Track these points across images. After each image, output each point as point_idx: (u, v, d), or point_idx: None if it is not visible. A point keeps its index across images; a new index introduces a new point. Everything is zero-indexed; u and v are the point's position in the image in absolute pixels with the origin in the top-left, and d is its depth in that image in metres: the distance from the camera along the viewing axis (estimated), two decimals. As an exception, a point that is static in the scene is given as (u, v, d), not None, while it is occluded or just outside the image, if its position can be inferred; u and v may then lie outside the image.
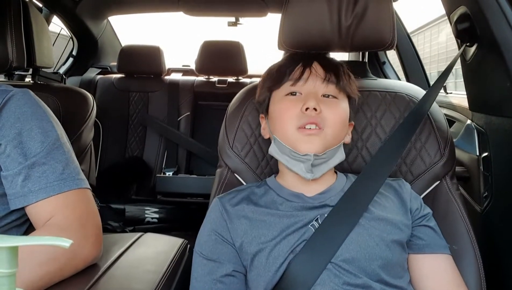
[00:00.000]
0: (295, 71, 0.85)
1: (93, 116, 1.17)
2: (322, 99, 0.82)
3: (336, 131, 0.81)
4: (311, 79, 0.84)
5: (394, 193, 0.83)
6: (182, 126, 2.49)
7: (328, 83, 0.83)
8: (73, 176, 0.82)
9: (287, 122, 0.81)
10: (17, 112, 0.83)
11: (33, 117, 0.84)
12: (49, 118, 0.87)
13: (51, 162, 0.81)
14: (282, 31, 0.96)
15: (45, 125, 0.84)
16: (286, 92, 0.84)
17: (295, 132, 0.80)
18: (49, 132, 0.84)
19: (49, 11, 2.34)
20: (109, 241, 0.96)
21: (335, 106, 0.82)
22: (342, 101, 0.85)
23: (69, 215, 0.78)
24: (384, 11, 0.94)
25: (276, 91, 0.87)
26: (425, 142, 0.92)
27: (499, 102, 1.03)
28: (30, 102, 0.86)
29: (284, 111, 0.82)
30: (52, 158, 0.81)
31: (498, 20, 0.94)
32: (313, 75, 0.84)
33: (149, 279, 0.79)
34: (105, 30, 2.79)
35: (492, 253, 1.01)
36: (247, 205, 0.81)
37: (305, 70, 0.84)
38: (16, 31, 1.09)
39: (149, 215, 2.22)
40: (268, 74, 0.91)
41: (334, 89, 0.84)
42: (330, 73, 0.84)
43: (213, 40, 2.61)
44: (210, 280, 0.77)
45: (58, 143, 0.84)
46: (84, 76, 2.65)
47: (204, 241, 0.81)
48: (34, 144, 0.81)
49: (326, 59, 0.89)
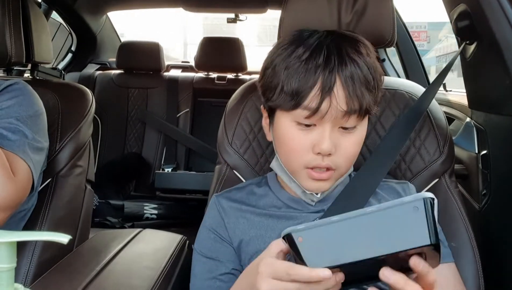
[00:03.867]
0: (311, 97, 0.66)
1: (92, 112, 1.17)
2: (338, 132, 0.70)
3: (350, 164, 0.74)
4: (329, 114, 0.66)
5: (397, 198, 0.79)
6: (181, 123, 2.49)
7: (350, 116, 0.67)
8: (27, 146, 0.89)
9: (294, 158, 0.72)
10: (1, 100, 0.90)
11: (18, 101, 0.92)
12: (33, 101, 0.96)
13: (19, 124, 0.89)
14: (282, 28, 0.96)
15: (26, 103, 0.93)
16: (296, 119, 0.69)
17: (302, 170, 0.71)
18: (29, 108, 0.93)
19: (48, 6, 2.33)
20: (108, 237, 0.96)
21: (353, 138, 0.71)
22: (362, 125, 0.72)
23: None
24: (384, 8, 0.94)
25: (282, 112, 0.71)
26: (424, 139, 0.92)
27: (499, 100, 1.03)
28: (17, 90, 0.94)
29: (291, 144, 0.71)
30: (23, 123, 0.90)
31: (498, 18, 0.94)
32: (333, 107, 0.66)
33: (148, 275, 0.79)
34: (104, 25, 2.78)
35: (491, 251, 1.01)
36: (246, 206, 0.80)
37: (324, 99, 0.66)
38: (15, 26, 1.09)
39: (148, 211, 2.22)
40: (270, 83, 0.72)
41: (355, 120, 0.69)
42: (354, 101, 0.67)
43: (212, 37, 2.61)
44: (210, 278, 0.77)
45: (35, 117, 0.94)
46: (83, 72, 2.65)
47: (203, 239, 0.80)
48: (12, 112, 0.90)
49: (354, 72, 0.67)
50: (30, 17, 1.19)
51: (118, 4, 2.70)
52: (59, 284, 0.76)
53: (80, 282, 0.75)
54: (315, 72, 0.67)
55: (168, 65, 2.82)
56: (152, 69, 2.58)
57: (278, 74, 0.70)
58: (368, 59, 0.70)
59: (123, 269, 0.81)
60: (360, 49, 0.70)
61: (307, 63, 0.67)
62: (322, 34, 0.72)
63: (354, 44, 0.71)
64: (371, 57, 0.71)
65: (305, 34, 0.73)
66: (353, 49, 0.70)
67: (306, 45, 0.69)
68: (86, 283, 0.74)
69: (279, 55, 0.71)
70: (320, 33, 0.72)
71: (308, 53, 0.68)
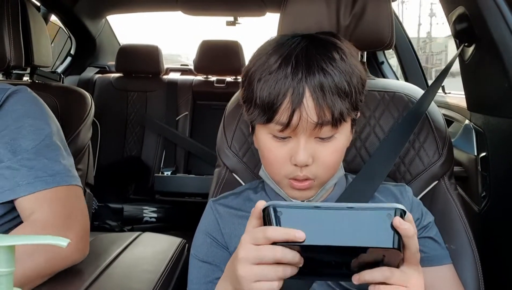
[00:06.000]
0: (281, 111, 0.65)
1: (91, 116, 1.17)
2: (315, 142, 0.68)
3: (332, 171, 0.73)
4: (300, 126, 0.65)
5: (395, 201, 0.79)
6: (180, 126, 2.49)
7: (322, 126, 0.66)
8: (63, 173, 0.82)
9: (274, 170, 0.72)
10: (10, 110, 0.84)
11: (26, 115, 0.85)
12: (43, 116, 0.87)
13: (40, 158, 0.81)
14: (280, 31, 0.96)
15: (37, 123, 0.85)
16: (271, 132, 0.69)
17: (283, 179, 0.71)
18: (41, 130, 0.84)
19: (47, 10, 2.33)
20: (107, 241, 0.96)
21: (332, 147, 0.69)
22: (341, 132, 0.70)
23: (54, 211, 0.78)
24: (383, 11, 0.95)
25: (259, 125, 0.71)
26: (424, 142, 0.92)
27: (497, 102, 1.03)
28: (24, 100, 0.87)
29: (270, 156, 0.71)
30: (42, 154, 0.81)
31: (496, 20, 0.94)
32: (303, 120, 0.65)
33: (147, 278, 0.79)
34: (103, 29, 2.79)
35: (490, 253, 1.01)
36: (243, 212, 0.79)
37: (294, 112, 0.65)
38: (14, 29, 1.09)
39: (147, 214, 2.22)
40: (247, 94, 0.71)
41: (329, 130, 0.67)
42: (326, 111, 0.65)
43: (211, 40, 2.62)
44: (206, 283, 0.76)
45: (49, 140, 0.84)
46: (82, 76, 2.65)
47: (199, 243, 0.80)
48: (25, 141, 0.81)
49: (323, 82, 0.65)
50: (29, 20, 1.19)
51: (117, 8, 2.71)
52: (58, 288, 0.75)
53: (80, 286, 0.75)
54: (284, 84, 0.65)
55: (167, 68, 2.83)
56: (151, 72, 2.58)
57: (252, 86, 0.69)
58: (342, 64, 0.67)
59: (123, 272, 0.81)
60: (333, 54, 0.68)
61: (277, 74, 0.66)
62: (295, 41, 0.69)
63: (326, 50, 0.68)
64: (346, 61, 0.68)
65: (281, 41, 0.71)
66: (324, 55, 0.67)
67: (278, 54, 0.68)
68: (85, 287, 0.74)
69: (254, 64, 0.70)
70: (294, 40, 0.70)
71: (277, 64, 0.67)
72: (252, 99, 0.69)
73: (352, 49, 0.73)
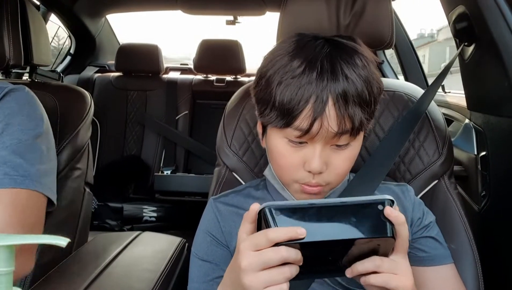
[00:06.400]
0: (302, 118, 0.64)
1: (91, 115, 1.17)
2: (330, 149, 0.68)
3: (343, 178, 0.73)
4: (320, 134, 0.64)
5: (396, 201, 0.80)
6: (180, 125, 2.49)
7: (341, 136, 0.65)
8: (33, 178, 0.79)
9: (285, 174, 0.71)
10: (4, 107, 0.84)
11: (18, 113, 0.84)
12: (35, 117, 0.87)
13: (17, 157, 0.79)
14: (280, 30, 0.96)
15: (26, 122, 0.84)
16: (287, 137, 0.68)
17: (293, 184, 0.71)
18: (28, 130, 0.83)
19: (47, 9, 2.33)
20: (107, 240, 0.96)
21: (346, 155, 0.69)
22: (357, 140, 0.70)
23: (12, 215, 0.76)
24: (383, 10, 0.94)
25: (274, 128, 0.69)
26: (424, 141, 0.92)
27: (497, 102, 1.03)
28: (20, 98, 0.87)
29: (282, 160, 0.70)
30: (19, 154, 0.80)
31: (496, 20, 0.94)
32: (324, 129, 0.64)
33: (147, 277, 0.79)
34: (103, 28, 2.78)
35: (490, 252, 1.01)
36: (243, 210, 0.78)
37: (315, 120, 0.63)
38: (13, 28, 1.09)
39: (147, 214, 2.22)
40: (263, 95, 0.69)
41: (347, 138, 0.67)
42: (346, 121, 0.64)
43: (211, 39, 2.61)
44: (207, 281, 0.76)
45: (32, 141, 0.83)
46: (82, 75, 2.65)
47: (199, 242, 0.80)
48: (8, 139, 0.80)
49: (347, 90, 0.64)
50: (28, 19, 1.19)
51: (116, 7, 2.71)
52: (58, 287, 0.75)
53: (79, 285, 0.74)
54: (307, 90, 0.64)
55: (167, 67, 2.83)
56: (151, 71, 2.58)
57: (271, 88, 0.67)
58: (364, 72, 0.66)
59: (122, 271, 0.81)
60: (356, 60, 0.67)
61: (300, 79, 0.64)
62: (319, 44, 0.68)
63: (349, 56, 0.67)
64: (368, 69, 0.67)
65: (302, 42, 0.69)
66: (348, 62, 0.66)
67: (302, 57, 0.66)
68: (85, 286, 0.74)
69: (274, 65, 0.68)
70: (317, 43, 0.68)
71: (302, 68, 0.65)
72: (269, 101, 0.67)
73: (371, 54, 0.72)
